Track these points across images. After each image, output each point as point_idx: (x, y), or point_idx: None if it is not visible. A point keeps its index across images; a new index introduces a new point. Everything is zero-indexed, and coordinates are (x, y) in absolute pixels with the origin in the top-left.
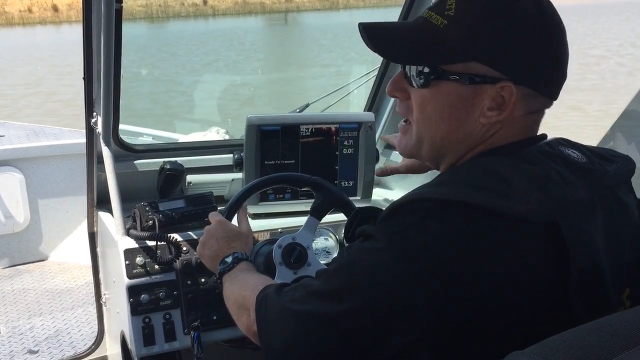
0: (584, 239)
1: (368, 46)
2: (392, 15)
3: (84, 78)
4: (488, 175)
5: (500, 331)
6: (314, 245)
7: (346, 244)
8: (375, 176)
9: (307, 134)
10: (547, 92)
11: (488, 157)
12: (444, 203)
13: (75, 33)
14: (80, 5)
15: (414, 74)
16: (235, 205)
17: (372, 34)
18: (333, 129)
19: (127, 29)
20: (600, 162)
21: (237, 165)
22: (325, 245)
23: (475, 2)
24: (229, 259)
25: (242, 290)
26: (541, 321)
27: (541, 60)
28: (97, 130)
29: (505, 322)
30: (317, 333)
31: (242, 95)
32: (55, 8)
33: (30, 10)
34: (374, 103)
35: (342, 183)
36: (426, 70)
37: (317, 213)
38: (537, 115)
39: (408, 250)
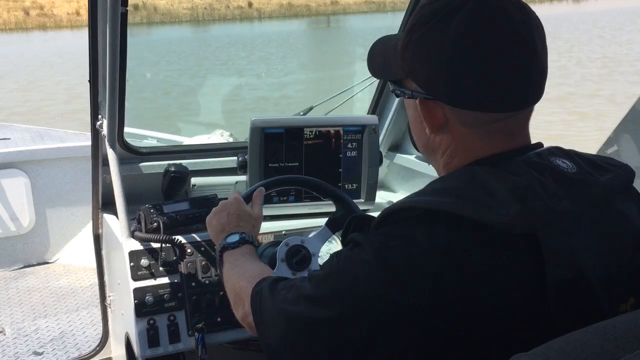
0: (563, 250)
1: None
2: None
3: (89, 81)
4: (473, 185)
5: (484, 340)
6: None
7: None
8: (378, 179)
9: (311, 136)
10: (483, 107)
11: (475, 166)
12: (430, 213)
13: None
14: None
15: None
16: (256, 191)
17: (372, 47)
18: (337, 131)
19: (172, 32)
20: (593, 171)
21: (241, 168)
22: (329, 248)
23: (413, 18)
24: (236, 237)
25: (239, 280)
26: (524, 330)
27: (457, 77)
28: (102, 133)
29: (489, 331)
30: (305, 336)
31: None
32: None
33: (78, 13)
34: (378, 106)
35: (346, 186)
36: (391, 83)
37: (333, 226)
38: (494, 125)
39: (393, 261)
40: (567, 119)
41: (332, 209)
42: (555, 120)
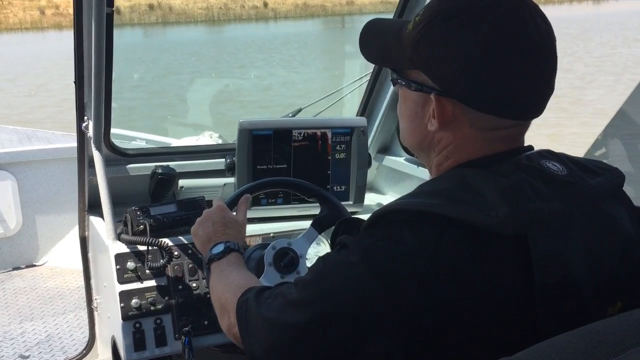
0: (552, 253)
1: (359, 43)
2: None
3: (75, 82)
4: (463, 187)
5: (471, 342)
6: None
7: None
8: (367, 181)
9: (299, 138)
10: (497, 112)
11: (466, 168)
12: (419, 214)
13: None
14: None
15: (391, 74)
16: (238, 197)
17: (366, 30)
18: (325, 133)
19: (187, 32)
20: (583, 174)
21: (229, 170)
22: (318, 250)
23: (429, 10)
24: (221, 247)
25: (225, 291)
26: (511, 333)
27: (478, 79)
28: (88, 135)
29: (476, 333)
30: (291, 343)
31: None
32: (117, 10)
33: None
34: (367, 108)
35: (335, 188)
36: (391, 72)
37: (318, 226)
38: (502, 132)
39: (380, 261)
40: None
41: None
42: None
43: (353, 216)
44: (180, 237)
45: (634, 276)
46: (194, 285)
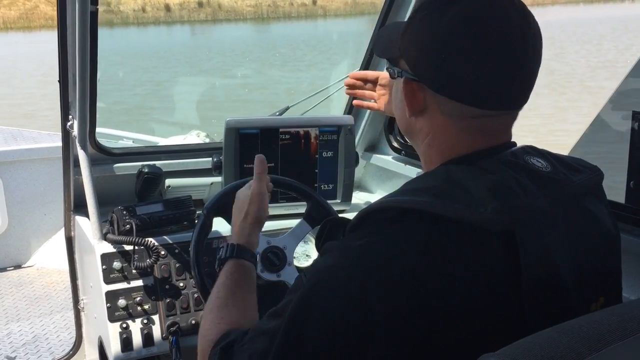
0: (539, 248)
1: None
2: None
3: (59, 81)
4: (450, 184)
5: (461, 340)
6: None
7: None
8: (355, 179)
9: (287, 137)
10: (466, 99)
11: (452, 165)
12: (407, 212)
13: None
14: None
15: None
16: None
17: (383, 28)
18: (312, 132)
19: (235, 30)
20: (566, 171)
21: (216, 169)
22: (305, 248)
23: (417, 3)
24: (225, 252)
25: (204, 323)
26: (499, 329)
27: (446, 66)
28: (73, 134)
29: (466, 331)
30: None
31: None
32: (167, 8)
33: (143, 10)
34: (354, 106)
35: (322, 186)
36: (388, 62)
37: (311, 220)
38: (476, 121)
39: (370, 264)
40: None
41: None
42: None
43: (339, 216)
44: (167, 237)
45: (614, 272)
46: (181, 285)
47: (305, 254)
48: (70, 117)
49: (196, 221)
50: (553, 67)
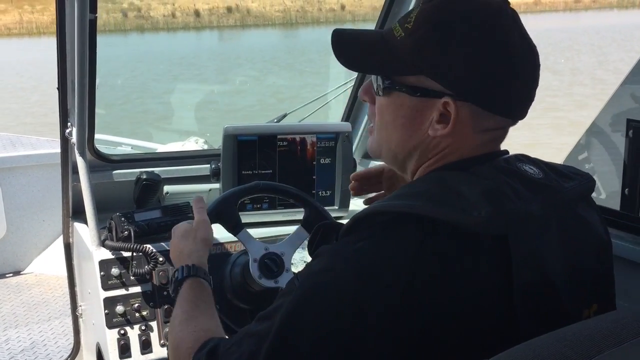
0: (532, 253)
1: (333, 51)
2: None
3: (58, 88)
4: (444, 189)
5: (454, 345)
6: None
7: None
8: None
9: (284, 144)
10: (502, 111)
11: (445, 171)
12: (401, 216)
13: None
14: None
15: (376, 83)
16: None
17: (339, 39)
18: (310, 139)
19: (262, 36)
20: (558, 178)
21: (214, 175)
22: (303, 255)
23: (429, 16)
24: (181, 273)
25: (175, 335)
26: (492, 334)
27: (491, 78)
28: (71, 141)
29: (459, 335)
30: None
31: None
32: (197, 13)
33: (173, 15)
34: (352, 113)
35: (320, 193)
36: (382, 80)
37: (308, 226)
38: (494, 133)
39: (364, 267)
40: None
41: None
42: None
43: (332, 221)
44: (165, 244)
45: (607, 278)
46: None
47: (303, 260)
48: (69, 123)
49: None
50: (600, 76)
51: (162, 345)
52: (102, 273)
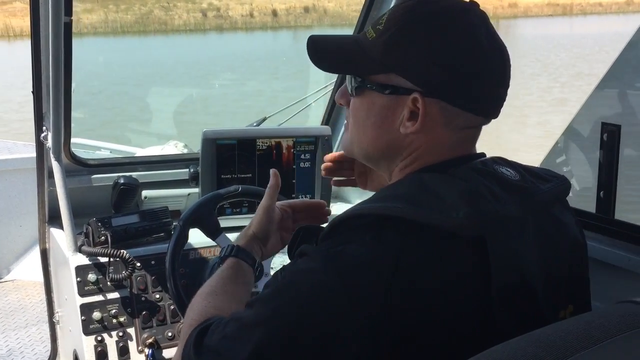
0: (509, 255)
1: (308, 54)
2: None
3: (32, 92)
4: (423, 191)
5: (434, 346)
6: (271, 261)
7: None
8: (333, 189)
9: (264, 147)
10: (472, 108)
11: (424, 173)
12: (380, 219)
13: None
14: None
15: (350, 84)
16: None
17: (314, 44)
18: (290, 142)
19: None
20: (534, 180)
21: (192, 180)
22: (283, 259)
23: (399, 17)
24: (225, 251)
25: (192, 306)
26: (470, 334)
27: (458, 75)
28: (47, 145)
29: (439, 336)
30: None
31: None
32: (274, 13)
33: (251, 15)
34: (331, 116)
35: (300, 196)
36: (355, 80)
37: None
38: (468, 131)
39: (343, 267)
40: None
41: None
42: None
43: (312, 224)
44: (143, 249)
45: (582, 279)
46: (158, 297)
47: (283, 264)
48: (44, 128)
49: (172, 232)
50: None
51: (140, 352)
52: (78, 279)
